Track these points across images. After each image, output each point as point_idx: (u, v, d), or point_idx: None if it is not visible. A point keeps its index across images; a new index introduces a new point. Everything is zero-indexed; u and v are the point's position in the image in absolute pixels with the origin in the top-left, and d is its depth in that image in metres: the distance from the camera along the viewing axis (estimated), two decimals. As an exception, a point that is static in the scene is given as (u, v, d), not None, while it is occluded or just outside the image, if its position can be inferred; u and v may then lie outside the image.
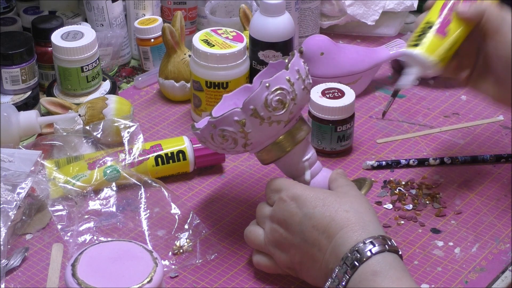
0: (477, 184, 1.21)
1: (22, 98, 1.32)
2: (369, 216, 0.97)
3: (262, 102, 1.01)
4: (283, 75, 1.02)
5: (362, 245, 0.93)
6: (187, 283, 1.06)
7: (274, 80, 1.01)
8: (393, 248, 0.94)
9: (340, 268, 0.93)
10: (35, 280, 1.06)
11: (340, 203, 0.98)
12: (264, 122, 1.02)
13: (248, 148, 1.05)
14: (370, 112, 1.36)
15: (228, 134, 1.03)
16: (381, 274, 0.91)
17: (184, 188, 1.21)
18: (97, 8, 1.42)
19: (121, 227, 1.13)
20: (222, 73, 1.28)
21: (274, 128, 1.03)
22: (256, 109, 1.01)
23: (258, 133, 1.03)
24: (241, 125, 1.02)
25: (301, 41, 1.40)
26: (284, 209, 1.00)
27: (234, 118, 1.02)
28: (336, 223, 0.96)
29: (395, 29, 1.55)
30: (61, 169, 1.17)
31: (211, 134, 1.04)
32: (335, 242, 0.95)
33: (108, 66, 1.44)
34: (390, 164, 1.24)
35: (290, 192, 1.01)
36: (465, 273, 1.07)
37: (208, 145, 1.07)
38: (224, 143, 1.04)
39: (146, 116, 1.35)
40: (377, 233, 0.95)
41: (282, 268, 1.03)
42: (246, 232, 1.05)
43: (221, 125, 1.02)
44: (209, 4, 1.47)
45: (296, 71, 1.03)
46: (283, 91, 1.02)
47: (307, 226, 0.98)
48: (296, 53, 1.05)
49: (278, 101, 1.01)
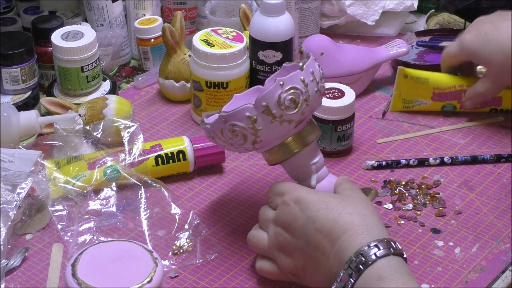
0: (477, 184, 1.21)
1: (22, 98, 1.32)
2: (373, 219, 0.97)
3: (275, 100, 1.01)
4: (297, 75, 1.02)
5: (366, 249, 0.92)
6: (187, 283, 1.05)
7: (289, 79, 1.01)
8: (397, 251, 0.93)
9: (345, 272, 0.92)
10: (35, 280, 1.06)
11: (343, 206, 0.98)
12: (275, 120, 1.02)
13: (257, 146, 1.05)
14: (370, 112, 1.36)
15: (238, 129, 1.03)
16: (386, 279, 0.90)
17: (184, 188, 1.21)
18: (97, 8, 1.42)
19: (121, 227, 1.13)
20: (222, 73, 1.28)
21: (284, 128, 1.03)
22: (269, 106, 1.01)
23: (268, 131, 1.03)
24: (252, 121, 1.02)
25: (301, 41, 1.40)
26: (287, 212, 1.00)
27: (246, 113, 1.02)
28: (340, 226, 0.96)
29: (395, 29, 1.55)
30: (61, 169, 1.17)
31: (221, 129, 1.03)
32: (339, 245, 0.95)
33: (108, 66, 1.44)
34: (390, 164, 1.24)
35: (293, 195, 1.00)
36: (465, 273, 1.07)
37: (216, 141, 1.06)
38: (233, 139, 1.04)
39: (146, 116, 1.35)
40: (382, 236, 0.94)
41: (285, 274, 1.02)
42: (249, 237, 1.05)
43: (232, 119, 1.02)
44: (209, 4, 1.47)
45: (310, 73, 1.03)
46: (297, 91, 1.01)
47: (311, 229, 0.97)
48: (312, 56, 1.05)
49: (291, 100, 1.01)
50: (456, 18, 1.57)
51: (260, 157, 1.26)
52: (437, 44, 1.47)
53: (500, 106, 1.33)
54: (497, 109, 1.34)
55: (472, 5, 1.45)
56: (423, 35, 1.51)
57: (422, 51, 1.46)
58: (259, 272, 1.04)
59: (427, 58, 1.44)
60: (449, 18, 1.59)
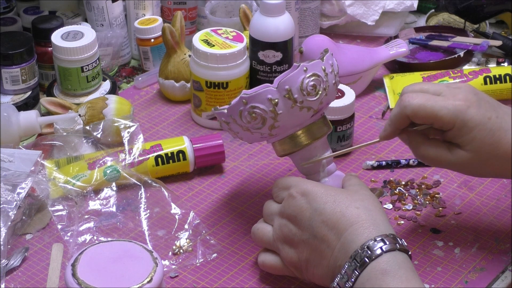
0: (477, 184, 1.21)
1: (22, 98, 1.32)
2: (379, 215, 0.97)
3: (298, 84, 1.02)
4: (319, 63, 1.04)
5: (372, 243, 0.93)
6: (187, 283, 1.06)
7: (312, 65, 1.03)
8: (403, 248, 0.94)
9: (350, 264, 0.93)
10: (35, 280, 1.06)
11: (350, 200, 0.98)
12: (295, 105, 1.03)
13: (274, 131, 1.05)
14: (370, 112, 1.36)
15: (259, 111, 1.03)
16: (390, 274, 0.91)
17: (184, 188, 1.21)
18: (97, 8, 1.42)
19: (121, 227, 1.13)
20: (222, 73, 1.28)
21: (303, 115, 1.04)
22: (291, 90, 1.02)
23: (287, 116, 1.03)
24: (274, 104, 1.02)
25: (301, 41, 1.40)
26: (293, 204, 1.00)
27: (268, 96, 1.02)
28: (347, 219, 0.96)
29: (395, 29, 1.55)
30: (61, 169, 1.17)
31: (240, 111, 1.04)
32: (345, 238, 0.95)
33: (108, 66, 1.44)
34: (390, 164, 1.24)
35: (300, 188, 1.01)
36: (465, 273, 1.07)
37: (231, 126, 1.06)
38: (251, 122, 1.04)
39: (146, 116, 1.35)
40: (388, 232, 0.95)
41: (288, 267, 1.02)
42: (254, 230, 1.05)
43: (253, 101, 1.03)
44: (209, 4, 1.47)
45: (330, 64, 1.05)
46: (319, 78, 1.03)
47: (317, 221, 0.98)
48: (330, 51, 1.06)
49: (312, 86, 1.03)
50: (456, 18, 1.57)
51: (260, 157, 1.26)
52: (427, 42, 1.48)
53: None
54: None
55: (472, 5, 1.46)
56: (422, 31, 1.53)
57: (414, 48, 1.48)
58: (261, 265, 1.04)
59: (418, 55, 1.46)
60: (449, 18, 1.59)
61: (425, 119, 1.01)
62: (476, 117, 1.00)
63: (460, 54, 1.44)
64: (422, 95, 1.02)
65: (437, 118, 1.00)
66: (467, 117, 1.00)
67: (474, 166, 1.02)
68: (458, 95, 1.01)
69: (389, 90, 1.38)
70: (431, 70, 1.41)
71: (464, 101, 1.00)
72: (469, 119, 1.00)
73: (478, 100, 1.01)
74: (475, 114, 1.00)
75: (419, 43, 1.49)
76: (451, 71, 1.38)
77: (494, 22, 1.60)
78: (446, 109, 1.00)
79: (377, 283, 0.91)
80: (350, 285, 0.92)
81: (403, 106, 1.02)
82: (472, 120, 1.00)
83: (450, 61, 1.44)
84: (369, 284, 0.91)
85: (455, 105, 1.00)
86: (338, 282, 0.94)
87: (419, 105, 1.01)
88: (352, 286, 0.92)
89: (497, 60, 1.47)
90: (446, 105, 1.00)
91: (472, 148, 1.01)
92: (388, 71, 1.46)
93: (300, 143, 1.06)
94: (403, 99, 1.02)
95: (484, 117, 1.00)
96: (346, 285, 0.93)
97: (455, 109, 1.00)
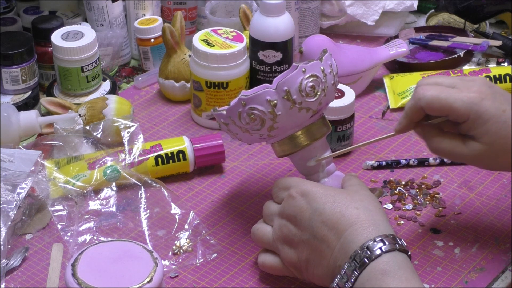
0: (477, 184, 1.21)
1: (22, 98, 1.32)
2: (379, 215, 0.97)
3: (297, 86, 1.02)
4: (318, 64, 1.04)
5: (372, 243, 0.93)
6: (187, 283, 1.06)
7: (310, 66, 1.03)
8: (402, 248, 0.94)
9: (349, 265, 0.93)
10: (35, 280, 1.06)
11: (350, 201, 0.98)
12: (294, 106, 1.03)
13: (273, 133, 1.05)
14: (370, 112, 1.36)
15: (258, 113, 1.03)
16: (390, 274, 0.91)
17: (184, 188, 1.21)
18: (97, 8, 1.42)
19: (121, 227, 1.13)
20: (222, 73, 1.28)
21: (302, 116, 1.04)
22: (290, 91, 1.02)
23: (286, 117, 1.03)
24: (273, 106, 1.02)
25: (301, 41, 1.40)
26: (293, 205, 1.00)
27: (267, 97, 1.02)
28: (346, 219, 0.96)
29: (395, 29, 1.55)
30: (61, 169, 1.17)
31: (239, 112, 1.04)
32: (345, 238, 0.95)
33: (108, 66, 1.44)
34: (390, 164, 1.24)
35: (299, 188, 1.01)
36: (465, 273, 1.07)
37: (230, 128, 1.06)
38: (250, 123, 1.04)
39: (146, 116, 1.35)
40: (388, 232, 0.95)
41: (287, 268, 1.02)
42: (254, 230, 1.05)
43: (252, 103, 1.03)
44: (209, 4, 1.47)
45: (329, 65, 1.05)
46: (317, 79, 1.03)
47: (317, 221, 0.98)
48: (329, 52, 1.06)
49: (311, 87, 1.03)
50: (456, 18, 1.57)
51: (260, 157, 1.26)
52: (427, 42, 1.48)
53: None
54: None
55: (472, 5, 1.46)
56: (422, 31, 1.53)
57: (414, 48, 1.48)
58: (261, 266, 1.04)
59: (418, 55, 1.46)
60: (449, 18, 1.59)
61: (440, 111, 1.01)
62: (490, 109, 0.99)
63: (460, 54, 1.45)
64: (436, 87, 1.02)
65: (451, 110, 1.00)
66: (481, 109, 0.99)
67: (488, 159, 1.02)
68: (473, 87, 1.01)
69: (389, 90, 1.38)
70: (431, 70, 1.41)
71: (478, 93, 1.00)
72: (483, 111, 0.99)
73: (493, 93, 1.01)
74: (490, 107, 1.00)
75: (419, 43, 1.49)
76: (451, 71, 1.38)
77: (494, 22, 1.60)
78: (460, 101, 1.00)
79: (376, 283, 0.91)
80: (349, 285, 0.93)
81: (417, 99, 1.02)
82: (486, 112, 0.99)
83: (450, 61, 1.44)
84: (368, 285, 0.91)
85: (469, 97, 1.00)
86: (338, 283, 0.94)
87: (433, 97, 1.01)
88: (351, 286, 0.92)
89: (497, 60, 1.47)
90: (460, 97, 1.00)
91: (486, 140, 1.00)
92: (388, 71, 1.46)
93: (299, 143, 1.06)
94: (417, 92, 1.02)
95: (498, 110, 1.00)
96: (345, 286, 0.93)
97: (470, 101, 1.00)
